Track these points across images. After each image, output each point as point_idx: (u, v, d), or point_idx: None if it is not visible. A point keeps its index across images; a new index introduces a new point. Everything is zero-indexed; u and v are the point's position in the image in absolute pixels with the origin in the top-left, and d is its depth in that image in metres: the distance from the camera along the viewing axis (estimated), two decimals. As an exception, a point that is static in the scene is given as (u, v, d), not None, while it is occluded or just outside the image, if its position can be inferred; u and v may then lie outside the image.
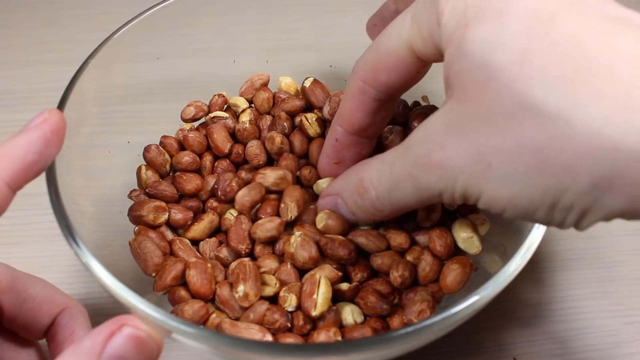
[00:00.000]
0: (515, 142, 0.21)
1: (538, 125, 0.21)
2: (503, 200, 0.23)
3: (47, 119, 0.26)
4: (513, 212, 0.23)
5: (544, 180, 0.21)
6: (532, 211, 0.23)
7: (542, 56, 0.21)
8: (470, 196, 0.24)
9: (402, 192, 0.27)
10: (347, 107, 0.31)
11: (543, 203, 0.22)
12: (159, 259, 0.31)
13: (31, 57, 0.57)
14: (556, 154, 0.21)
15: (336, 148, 0.33)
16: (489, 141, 0.22)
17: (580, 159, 0.20)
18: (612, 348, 0.40)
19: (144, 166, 0.36)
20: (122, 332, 0.23)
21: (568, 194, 0.21)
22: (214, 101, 0.40)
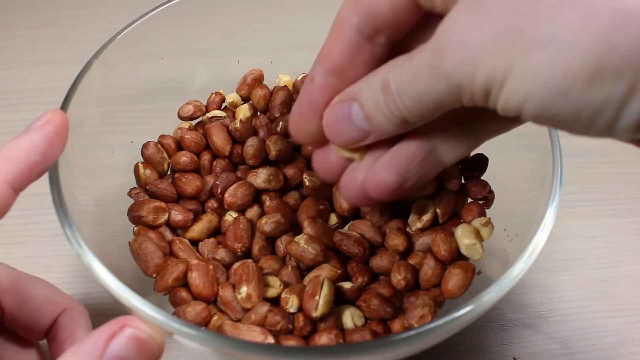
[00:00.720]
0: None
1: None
2: (532, 77, 0.19)
3: (50, 120, 0.26)
4: (540, 98, 0.20)
5: (588, 39, 0.18)
6: (565, 88, 0.19)
7: None
8: (492, 84, 0.21)
9: (421, 83, 0.23)
10: (327, 42, 0.28)
11: (582, 70, 0.18)
12: (159, 260, 0.31)
13: (31, 57, 0.57)
14: (625, 9, 0.17)
15: (309, 91, 0.28)
16: (522, 3, 0.19)
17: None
18: (612, 348, 0.40)
19: (141, 164, 0.36)
20: (124, 333, 0.23)
21: (615, 54, 0.18)
22: (211, 99, 0.40)
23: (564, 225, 0.46)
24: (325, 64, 0.27)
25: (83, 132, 0.32)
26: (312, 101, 0.28)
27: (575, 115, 0.19)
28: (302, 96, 0.29)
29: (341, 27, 0.26)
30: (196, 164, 0.37)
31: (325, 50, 0.27)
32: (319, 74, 0.28)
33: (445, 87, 0.22)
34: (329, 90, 0.28)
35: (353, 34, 0.26)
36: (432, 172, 0.28)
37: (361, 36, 0.26)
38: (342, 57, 0.27)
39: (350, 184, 0.29)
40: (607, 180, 0.49)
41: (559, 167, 0.30)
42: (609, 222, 0.47)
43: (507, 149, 0.36)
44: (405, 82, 0.24)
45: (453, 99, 0.23)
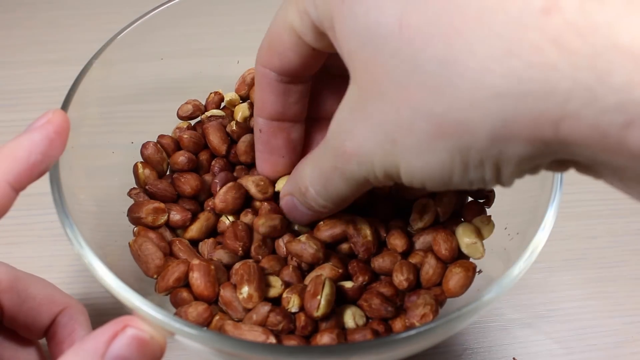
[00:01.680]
0: (410, 112, 0.21)
1: (425, 88, 0.20)
2: (418, 172, 0.23)
3: (50, 120, 0.26)
4: (433, 183, 0.23)
5: (446, 144, 0.21)
6: (448, 177, 0.22)
7: (418, 16, 0.20)
8: (392, 174, 0.24)
9: (335, 185, 0.27)
10: (257, 95, 0.31)
11: (454, 166, 0.21)
12: (160, 261, 0.31)
13: (31, 57, 0.57)
14: (448, 114, 0.20)
15: (263, 139, 0.33)
16: (387, 117, 0.22)
17: (471, 113, 0.19)
18: (612, 348, 0.41)
19: (140, 163, 0.36)
20: (125, 333, 0.23)
21: (473, 150, 0.21)
22: (210, 99, 0.40)
23: (564, 225, 0.46)
24: (264, 114, 0.32)
25: (83, 132, 0.32)
26: (269, 146, 0.33)
27: (467, 186, 0.23)
28: (260, 145, 0.33)
29: (263, 80, 0.30)
30: (194, 163, 0.36)
31: (259, 102, 0.31)
32: (263, 124, 0.32)
33: (355, 182, 0.26)
34: (277, 134, 0.32)
35: (276, 85, 0.30)
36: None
37: (283, 84, 0.30)
38: (275, 104, 0.31)
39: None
40: (607, 180, 0.49)
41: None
42: (609, 222, 0.47)
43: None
44: (322, 185, 0.28)
45: (366, 187, 0.27)
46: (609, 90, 0.17)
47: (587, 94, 0.17)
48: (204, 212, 0.35)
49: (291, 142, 0.33)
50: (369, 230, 0.32)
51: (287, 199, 0.31)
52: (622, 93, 0.17)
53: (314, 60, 0.28)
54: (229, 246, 0.32)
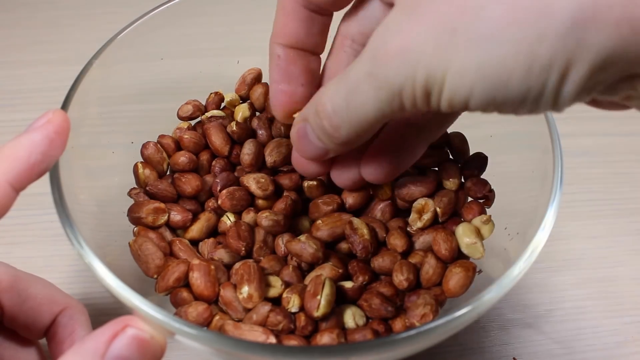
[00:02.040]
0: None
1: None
2: (471, 72, 0.20)
3: (51, 120, 0.26)
4: (482, 91, 0.20)
5: (517, 31, 0.19)
6: (505, 80, 0.20)
7: None
8: (433, 83, 0.21)
9: (360, 97, 0.23)
10: (279, 19, 0.29)
11: (518, 62, 0.19)
12: (160, 261, 0.31)
13: (31, 57, 0.57)
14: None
15: (280, 67, 0.29)
16: (452, 3, 0.20)
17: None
18: (612, 348, 0.41)
19: (140, 164, 0.36)
20: (126, 333, 0.23)
21: (546, 41, 0.19)
22: (210, 99, 0.40)
23: (564, 225, 0.46)
24: (283, 39, 0.29)
25: (83, 132, 0.32)
26: (287, 74, 0.30)
27: (520, 100, 0.20)
28: (276, 74, 0.30)
29: (289, 5, 0.28)
30: (195, 163, 0.37)
31: (279, 27, 0.29)
32: (281, 50, 0.29)
33: (386, 95, 0.22)
34: (297, 61, 0.29)
35: (301, 10, 0.28)
36: (421, 148, 0.31)
37: (309, 10, 0.28)
38: (298, 30, 0.28)
39: (341, 182, 0.32)
40: (607, 180, 0.49)
41: (559, 167, 0.30)
42: (609, 222, 0.47)
43: (508, 149, 0.36)
44: (342, 98, 0.24)
45: (394, 108, 0.23)
46: None
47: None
48: (204, 212, 0.35)
49: (311, 72, 0.30)
50: (366, 229, 0.32)
51: (299, 126, 0.28)
52: None
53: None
54: (232, 246, 0.32)
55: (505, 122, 0.35)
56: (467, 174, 0.35)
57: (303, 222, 0.35)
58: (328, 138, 0.26)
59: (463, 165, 0.35)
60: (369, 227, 0.32)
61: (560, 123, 0.32)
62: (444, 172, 0.35)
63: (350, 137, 0.26)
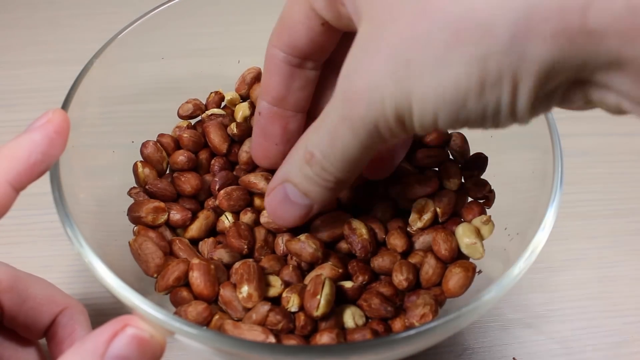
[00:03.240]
0: (427, 24, 0.20)
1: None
2: (431, 98, 0.21)
3: (51, 120, 0.26)
4: (446, 113, 0.21)
5: (463, 52, 0.20)
6: (462, 100, 0.21)
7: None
8: (402, 113, 0.22)
9: (343, 140, 0.25)
10: (264, 77, 0.31)
11: (470, 83, 0.20)
12: (160, 260, 0.31)
13: (31, 57, 0.57)
14: (467, 16, 0.19)
15: (260, 123, 0.32)
16: (401, 37, 0.21)
17: (492, 10, 0.19)
18: (612, 348, 0.41)
19: (140, 163, 0.36)
20: (125, 333, 0.23)
21: (491, 58, 0.20)
22: (210, 99, 0.40)
23: (564, 225, 0.46)
24: (267, 97, 0.31)
25: (83, 132, 0.32)
26: (265, 131, 0.32)
27: (481, 116, 0.21)
28: (256, 129, 0.32)
29: (272, 62, 0.30)
30: (194, 162, 0.36)
31: (264, 85, 0.31)
32: (264, 107, 0.31)
33: (365, 132, 0.24)
34: (275, 121, 0.31)
35: (283, 66, 0.29)
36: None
37: (290, 66, 0.29)
38: (279, 87, 0.30)
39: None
40: (607, 180, 0.49)
41: (559, 167, 0.30)
42: (609, 222, 0.47)
43: (508, 149, 0.36)
44: (327, 144, 0.26)
45: (375, 141, 0.24)
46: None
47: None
48: (203, 210, 0.35)
49: (287, 132, 0.32)
50: (364, 229, 0.32)
51: (276, 191, 0.29)
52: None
53: (322, 39, 0.28)
54: (234, 245, 0.32)
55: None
56: (467, 174, 0.35)
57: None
58: (319, 185, 0.27)
59: (463, 165, 0.35)
60: (367, 227, 0.32)
61: (560, 123, 0.32)
62: (444, 172, 0.35)
63: (343, 177, 0.27)
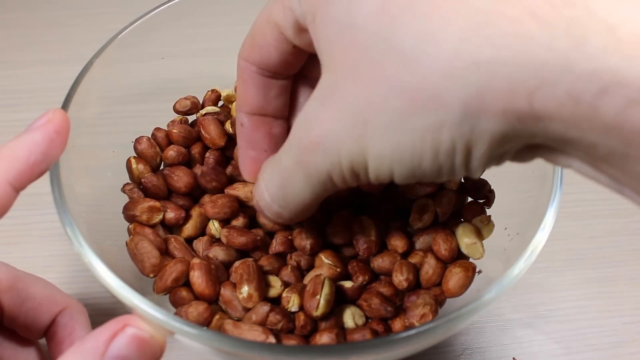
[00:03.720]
0: (384, 89, 0.21)
1: (401, 64, 0.20)
2: (387, 158, 0.22)
3: (51, 119, 0.26)
4: (401, 171, 0.22)
5: (418, 120, 0.20)
6: (418, 161, 0.22)
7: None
8: (357, 166, 0.23)
9: (294, 185, 0.26)
10: (239, 89, 0.31)
11: (425, 147, 0.21)
12: (156, 260, 0.31)
13: (31, 57, 0.57)
14: (422, 87, 0.20)
15: (244, 134, 0.32)
16: (359, 97, 0.22)
17: (445, 84, 0.19)
18: (612, 348, 0.41)
19: (134, 158, 0.35)
20: (125, 333, 0.23)
21: (445, 128, 0.20)
22: (207, 97, 0.40)
23: (564, 225, 0.46)
24: (246, 108, 0.31)
25: (83, 132, 0.32)
26: (251, 141, 0.32)
27: (436, 175, 0.22)
28: (241, 141, 0.32)
29: (245, 74, 0.30)
30: (185, 157, 0.36)
31: (241, 97, 0.31)
32: (244, 118, 0.31)
33: (317, 181, 0.25)
34: (259, 128, 0.31)
35: (257, 78, 0.30)
36: None
37: (264, 77, 0.30)
38: (257, 97, 0.30)
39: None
40: (607, 181, 0.49)
41: (559, 167, 0.30)
42: (609, 222, 0.47)
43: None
44: (278, 187, 0.27)
45: (328, 189, 0.25)
46: (583, 57, 0.17)
47: (562, 62, 0.18)
48: (195, 207, 0.34)
49: (273, 137, 0.32)
50: (374, 231, 0.32)
51: (254, 202, 0.30)
52: (597, 60, 0.17)
53: (293, 58, 0.29)
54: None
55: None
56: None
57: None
58: (275, 220, 0.29)
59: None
60: (377, 230, 0.32)
61: (560, 123, 0.31)
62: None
63: (292, 217, 0.28)
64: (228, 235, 0.32)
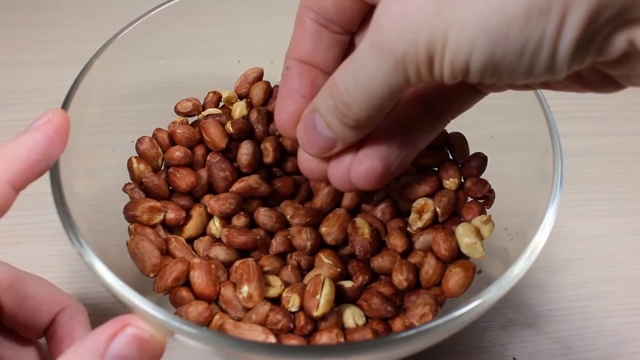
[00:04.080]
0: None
1: None
2: (472, 25, 0.20)
3: (51, 119, 0.26)
4: (485, 42, 0.21)
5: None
6: (505, 28, 0.20)
7: None
8: (435, 46, 0.21)
9: (366, 72, 0.24)
10: (293, 35, 0.30)
11: (517, 8, 0.20)
12: (156, 259, 0.31)
13: (31, 57, 0.57)
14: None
15: (288, 77, 0.31)
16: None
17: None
18: (612, 348, 0.41)
19: (135, 159, 0.36)
20: (125, 332, 0.23)
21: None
22: (208, 99, 0.40)
23: (564, 225, 0.46)
24: (295, 54, 0.30)
25: (83, 132, 0.32)
26: (291, 87, 0.30)
27: (519, 54, 0.21)
28: (282, 85, 0.31)
29: (301, 21, 0.29)
30: (190, 158, 0.36)
31: (293, 42, 0.30)
32: (292, 63, 0.30)
33: (390, 65, 0.23)
34: (304, 75, 0.30)
35: (311, 25, 0.29)
36: (411, 155, 0.30)
37: (318, 25, 0.29)
38: (308, 44, 0.30)
39: (338, 175, 0.30)
40: (607, 180, 0.49)
41: (559, 167, 0.30)
42: (609, 222, 0.47)
43: (508, 149, 0.36)
44: (351, 76, 0.25)
45: (400, 80, 0.23)
46: None
47: None
48: (194, 208, 0.34)
49: (316, 87, 0.30)
50: (367, 229, 0.32)
51: (307, 118, 0.29)
52: None
53: (349, 9, 0.28)
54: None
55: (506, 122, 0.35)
56: (467, 174, 0.35)
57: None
58: (339, 120, 0.27)
59: (463, 165, 0.35)
60: (371, 228, 0.32)
61: (560, 123, 0.32)
62: (444, 172, 0.35)
63: (361, 117, 0.26)
64: (228, 235, 0.32)
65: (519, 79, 0.22)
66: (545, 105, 0.32)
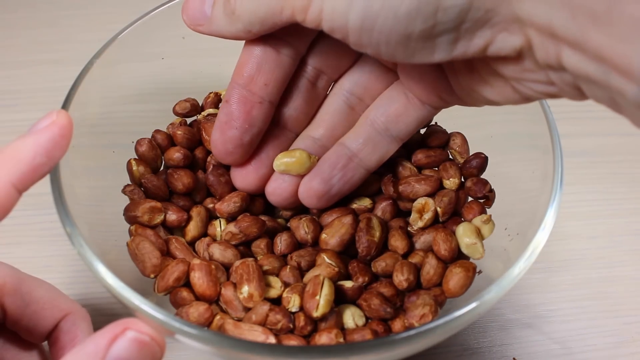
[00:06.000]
0: None
1: None
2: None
3: (55, 121, 0.25)
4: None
5: None
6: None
7: None
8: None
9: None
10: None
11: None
12: (157, 260, 0.31)
13: (31, 57, 0.57)
14: None
15: (224, 109, 0.33)
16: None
17: None
18: (612, 348, 0.41)
19: (134, 160, 0.35)
20: (126, 336, 0.23)
21: None
22: (209, 99, 0.40)
23: (564, 225, 0.46)
24: (238, 78, 0.32)
25: (83, 132, 0.32)
26: (230, 115, 0.32)
27: (394, 11, 0.21)
28: (221, 115, 0.32)
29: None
30: (190, 159, 0.36)
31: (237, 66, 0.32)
32: (234, 92, 0.32)
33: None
34: (242, 102, 0.32)
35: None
36: (357, 176, 0.33)
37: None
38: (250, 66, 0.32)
39: (278, 192, 0.33)
40: (607, 180, 0.49)
41: (559, 167, 0.30)
42: (609, 222, 0.47)
43: (508, 149, 0.36)
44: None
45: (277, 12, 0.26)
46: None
47: None
48: (193, 208, 0.34)
49: (250, 118, 0.32)
50: (379, 233, 0.32)
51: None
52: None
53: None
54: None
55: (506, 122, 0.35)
56: (467, 173, 0.35)
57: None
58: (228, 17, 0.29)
59: (463, 165, 0.35)
60: (382, 231, 0.32)
61: (560, 123, 0.32)
62: (444, 171, 0.35)
63: (243, 17, 0.29)
64: (239, 224, 0.33)
65: (399, 50, 0.22)
66: (545, 105, 0.32)
